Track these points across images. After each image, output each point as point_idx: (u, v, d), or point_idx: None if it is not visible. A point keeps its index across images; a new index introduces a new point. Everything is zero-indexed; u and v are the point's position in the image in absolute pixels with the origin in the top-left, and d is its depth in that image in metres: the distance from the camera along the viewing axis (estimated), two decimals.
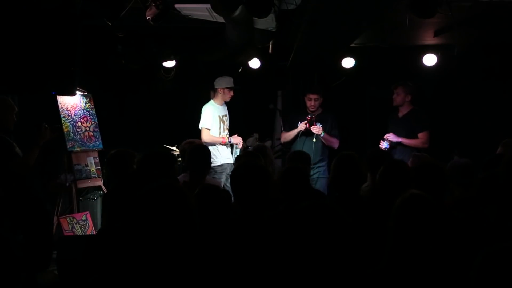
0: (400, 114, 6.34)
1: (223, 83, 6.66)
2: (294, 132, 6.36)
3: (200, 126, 6.54)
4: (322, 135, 6.28)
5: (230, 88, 6.65)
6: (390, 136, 6.12)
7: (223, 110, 6.67)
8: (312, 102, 6.42)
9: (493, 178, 2.93)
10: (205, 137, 6.43)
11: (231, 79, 6.70)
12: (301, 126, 6.29)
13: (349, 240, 1.88)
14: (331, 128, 6.45)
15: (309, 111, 6.42)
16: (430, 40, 6.74)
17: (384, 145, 6.12)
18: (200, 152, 4.19)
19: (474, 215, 2.90)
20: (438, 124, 7.62)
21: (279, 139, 6.92)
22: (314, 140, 6.22)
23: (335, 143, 6.43)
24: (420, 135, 6.12)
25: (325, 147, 6.37)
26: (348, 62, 7.17)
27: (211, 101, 6.73)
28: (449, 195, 3.68)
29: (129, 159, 4.36)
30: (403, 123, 6.25)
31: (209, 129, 6.50)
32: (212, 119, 6.51)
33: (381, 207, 2.19)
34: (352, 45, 6.87)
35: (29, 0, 5.20)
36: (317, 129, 6.24)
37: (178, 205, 1.99)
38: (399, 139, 6.11)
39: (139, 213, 1.99)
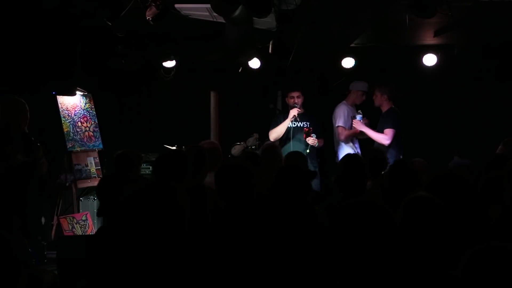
0: (382, 113, 6.44)
1: (358, 86, 6.77)
2: (285, 123, 6.29)
3: (336, 125, 6.67)
4: (316, 145, 6.28)
5: (363, 92, 6.75)
6: (357, 124, 6.30)
7: (351, 111, 6.72)
8: (294, 99, 6.37)
9: (496, 179, 2.93)
10: (341, 135, 6.52)
11: (366, 84, 6.77)
12: (293, 111, 6.23)
13: (395, 239, 1.89)
14: (316, 127, 6.45)
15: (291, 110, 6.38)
16: (430, 40, 6.74)
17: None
18: (196, 154, 4.15)
19: (476, 215, 2.90)
20: (438, 124, 7.64)
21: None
22: (308, 151, 6.19)
23: (322, 143, 6.47)
24: (385, 131, 6.19)
25: (315, 154, 6.38)
26: (348, 62, 7.17)
27: (343, 101, 6.84)
28: None
29: (136, 160, 4.33)
30: (380, 121, 6.39)
31: (344, 127, 6.60)
32: (344, 117, 6.65)
33: (389, 207, 2.19)
34: (352, 45, 6.87)
35: (29, 0, 5.20)
36: (312, 140, 6.22)
37: (168, 204, 2.00)
38: (364, 128, 6.28)
39: (130, 211, 2.00)
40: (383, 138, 6.15)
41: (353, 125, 6.35)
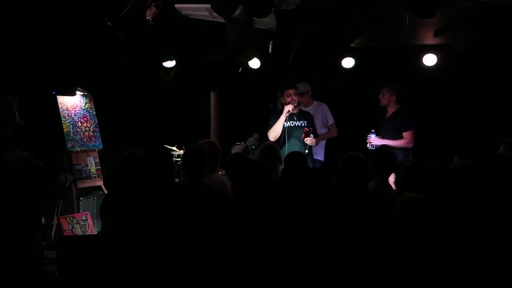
0: (388, 114, 6.31)
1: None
2: (281, 120, 6.18)
3: None
4: (314, 145, 6.24)
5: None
6: (374, 141, 6.08)
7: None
8: (291, 97, 6.25)
9: (495, 179, 2.92)
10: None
11: (304, 85, 6.70)
12: (287, 107, 6.12)
13: (361, 239, 1.87)
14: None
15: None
16: (430, 40, 6.75)
17: (369, 147, 6.10)
18: (194, 154, 4.14)
19: (475, 215, 2.90)
20: (438, 124, 7.64)
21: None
22: (307, 151, 6.15)
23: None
24: (404, 134, 6.05)
25: (312, 154, 6.34)
26: (348, 62, 7.17)
27: None
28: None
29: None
30: (389, 123, 6.19)
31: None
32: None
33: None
34: (352, 45, 6.88)
35: (29, 0, 5.20)
36: (310, 140, 6.15)
37: (186, 206, 1.98)
38: (383, 142, 6.03)
39: (145, 213, 1.97)
40: (405, 143, 5.98)
41: (371, 142, 6.08)
